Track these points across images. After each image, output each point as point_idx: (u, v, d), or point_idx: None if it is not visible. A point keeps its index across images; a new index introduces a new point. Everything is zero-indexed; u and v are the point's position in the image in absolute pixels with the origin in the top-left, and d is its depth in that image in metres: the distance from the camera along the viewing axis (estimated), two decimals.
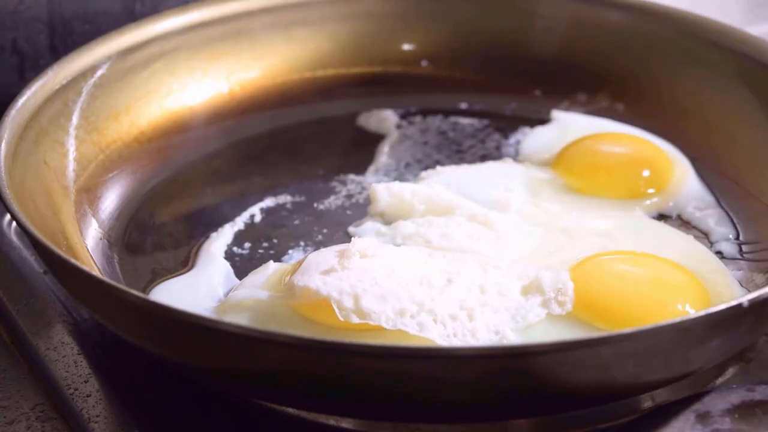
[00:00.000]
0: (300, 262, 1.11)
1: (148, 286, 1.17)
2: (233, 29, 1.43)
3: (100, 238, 1.23)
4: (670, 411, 1.01)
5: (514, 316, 1.08)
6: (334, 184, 1.33)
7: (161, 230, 1.27)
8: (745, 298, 0.96)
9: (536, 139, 1.39)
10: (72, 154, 1.26)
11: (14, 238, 1.26)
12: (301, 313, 1.06)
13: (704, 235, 1.24)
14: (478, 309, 1.08)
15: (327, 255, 1.10)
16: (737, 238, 1.23)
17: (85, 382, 1.08)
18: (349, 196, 1.31)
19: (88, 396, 1.07)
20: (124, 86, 1.34)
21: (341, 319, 1.04)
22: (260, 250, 1.22)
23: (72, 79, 1.28)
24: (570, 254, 1.18)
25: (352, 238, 1.12)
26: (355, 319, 1.04)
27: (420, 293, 1.06)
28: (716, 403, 1.00)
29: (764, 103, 1.30)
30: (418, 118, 1.45)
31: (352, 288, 1.05)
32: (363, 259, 1.08)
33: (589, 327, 1.06)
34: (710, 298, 1.10)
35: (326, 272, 1.07)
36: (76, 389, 1.07)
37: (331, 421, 1.04)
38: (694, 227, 1.25)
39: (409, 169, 1.35)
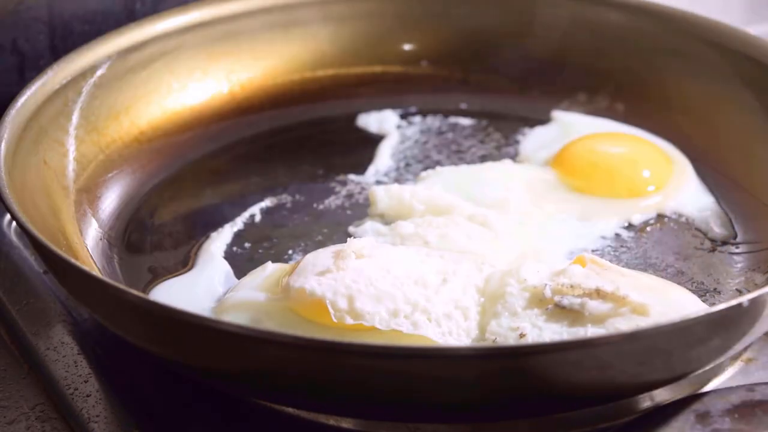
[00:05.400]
0: (298, 263, 1.11)
1: (148, 286, 1.17)
2: (233, 29, 1.43)
3: (100, 238, 1.23)
4: (670, 411, 1.01)
5: None
6: (334, 184, 1.33)
7: (161, 230, 1.27)
8: (745, 298, 0.96)
9: (536, 139, 1.39)
10: (72, 154, 1.26)
11: (14, 238, 1.26)
12: (298, 314, 1.06)
13: (703, 235, 1.24)
14: (473, 308, 1.08)
15: (323, 256, 1.10)
16: (736, 238, 1.23)
17: (85, 382, 1.08)
18: (349, 196, 1.31)
19: (88, 396, 1.07)
20: (124, 86, 1.34)
21: (335, 320, 1.04)
22: (260, 250, 1.22)
23: (72, 79, 1.28)
24: (569, 253, 1.19)
25: (348, 239, 1.12)
26: (349, 321, 1.04)
27: (415, 293, 1.06)
28: (716, 403, 1.00)
29: (764, 102, 1.30)
30: (418, 118, 1.45)
31: (347, 289, 1.05)
32: (359, 259, 1.09)
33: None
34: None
35: (321, 273, 1.07)
36: (76, 389, 1.07)
37: (331, 421, 1.04)
38: (694, 227, 1.25)
39: (409, 169, 1.35)
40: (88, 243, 1.21)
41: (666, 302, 1.06)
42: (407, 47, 1.49)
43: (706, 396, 1.02)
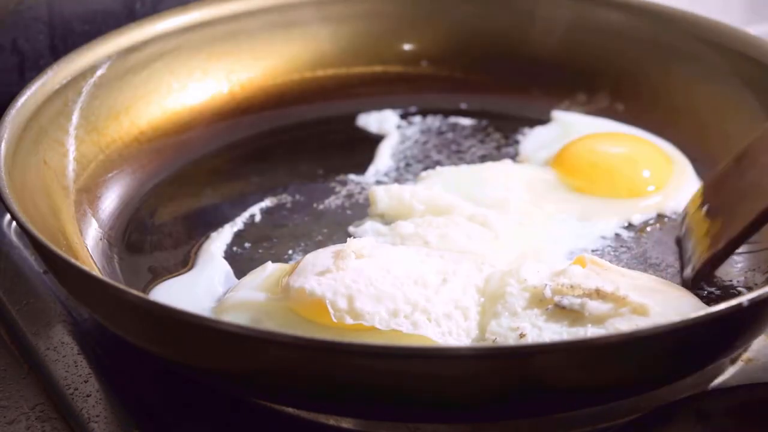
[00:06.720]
0: (298, 263, 1.11)
1: (148, 286, 1.17)
2: (233, 29, 1.43)
3: (100, 238, 1.23)
4: (670, 411, 1.01)
5: None
6: (334, 184, 1.33)
7: (161, 230, 1.27)
8: (745, 298, 0.96)
9: (536, 139, 1.39)
10: (72, 154, 1.26)
11: (14, 238, 1.26)
12: (298, 314, 1.06)
13: None
14: (473, 308, 1.08)
15: (323, 256, 1.10)
16: None
17: (85, 382, 1.08)
18: (349, 196, 1.31)
19: (88, 396, 1.07)
20: (124, 86, 1.34)
21: (335, 320, 1.04)
22: (260, 250, 1.22)
23: (72, 79, 1.28)
24: (569, 253, 1.19)
25: (348, 239, 1.12)
26: (349, 320, 1.04)
27: (414, 293, 1.06)
28: (716, 403, 1.01)
29: (764, 103, 1.30)
30: (418, 118, 1.45)
31: (347, 289, 1.05)
32: (359, 259, 1.09)
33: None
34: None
35: (321, 273, 1.07)
36: (76, 389, 1.07)
37: (331, 421, 1.04)
38: None
39: (409, 169, 1.35)
40: (88, 243, 1.21)
41: (666, 302, 1.06)
42: (407, 47, 1.49)
43: (706, 396, 1.02)
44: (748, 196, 1.15)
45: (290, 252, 1.22)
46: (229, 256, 1.21)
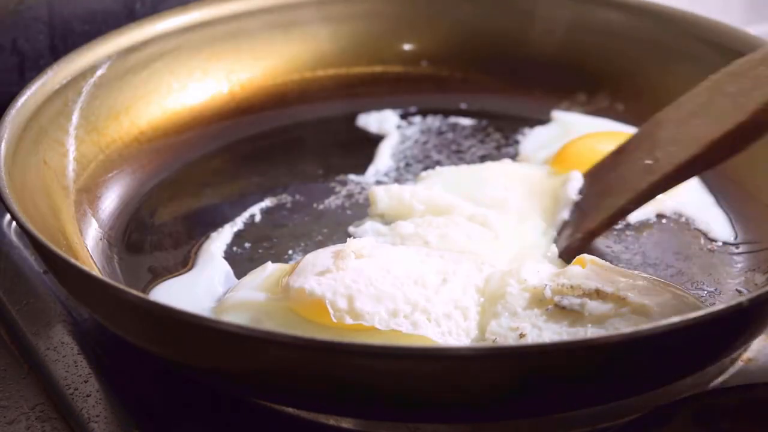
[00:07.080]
0: (298, 263, 1.11)
1: (148, 286, 1.17)
2: (233, 29, 1.43)
3: (100, 238, 1.23)
4: (670, 411, 1.01)
5: None
6: (334, 184, 1.33)
7: (161, 230, 1.27)
8: (745, 298, 0.96)
9: (536, 139, 1.39)
10: (72, 154, 1.26)
11: (14, 238, 1.26)
12: (298, 314, 1.06)
13: (703, 235, 1.24)
14: (473, 308, 1.08)
15: (323, 256, 1.10)
16: (736, 238, 1.23)
17: (85, 382, 1.08)
18: (349, 196, 1.31)
19: (88, 396, 1.07)
20: (124, 86, 1.34)
21: (335, 320, 1.04)
22: (260, 250, 1.22)
23: (72, 79, 1.28)
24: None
25: (348, 239, 1.12)
26: (348, 320, 1.04)
27: (414, 293, 1.07)
28: (716, 403, 1.00)
29: None
30: (418, 118, 1.45)
31: (347, 289, 1.05)
32: (358, 259, 1.09)
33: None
34: None
35: (321, 273, 1.07)
36: (76, 389, 1.07)
37: (331, 421, 1.04)
38: (694, 227, 1.25)
39: (409, 169, 1.36)
40: (88, 243, 1.21)
41: (666, 302, 1.06)
42: (407, 47, 1.49)
43: (706, 396, 1.02)
44: (612, 191, 1.16)
45: (290, 252, 1.22)
46: (229, 256, 1.21)
